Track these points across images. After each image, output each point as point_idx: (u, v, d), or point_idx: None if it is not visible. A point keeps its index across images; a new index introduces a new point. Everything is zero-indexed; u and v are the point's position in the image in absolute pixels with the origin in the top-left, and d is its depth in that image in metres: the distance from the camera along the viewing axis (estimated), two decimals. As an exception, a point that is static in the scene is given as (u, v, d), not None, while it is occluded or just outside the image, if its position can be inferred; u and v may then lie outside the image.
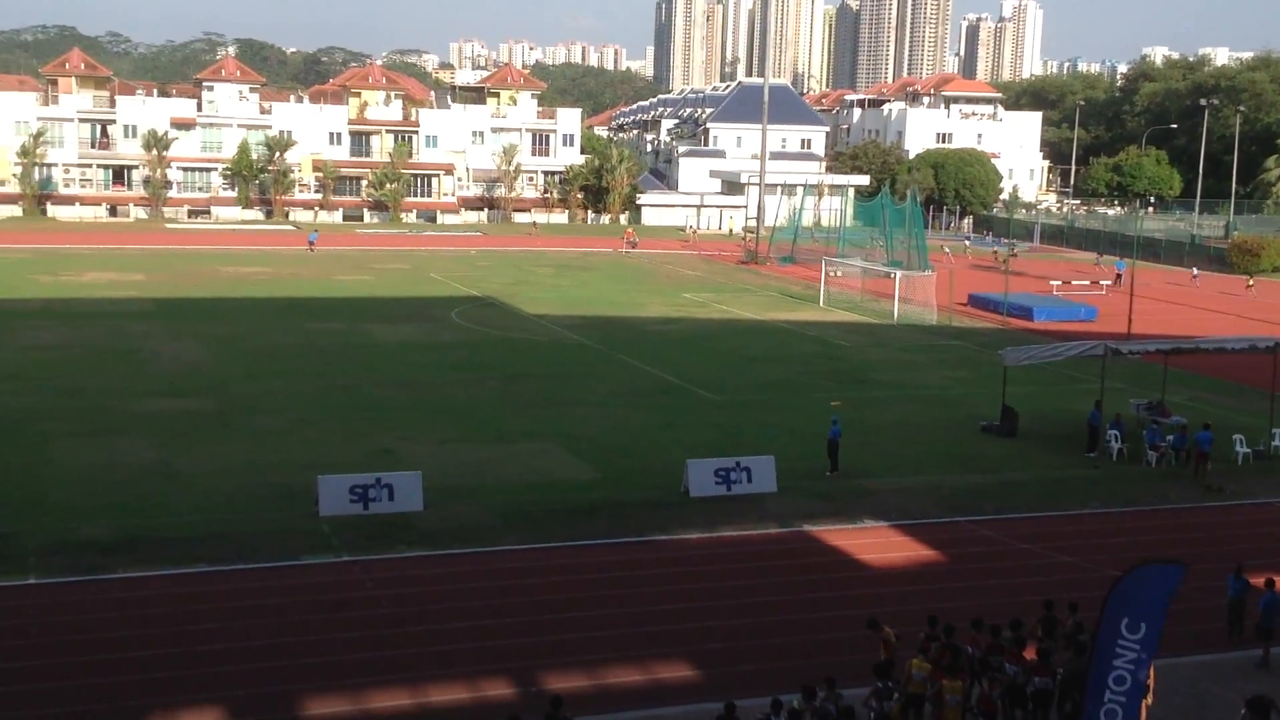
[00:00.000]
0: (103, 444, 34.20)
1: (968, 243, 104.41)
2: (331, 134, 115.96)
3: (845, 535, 28.52)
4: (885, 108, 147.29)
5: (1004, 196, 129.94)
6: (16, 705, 19.04)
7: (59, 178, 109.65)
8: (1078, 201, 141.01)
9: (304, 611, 23.18)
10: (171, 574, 24.72)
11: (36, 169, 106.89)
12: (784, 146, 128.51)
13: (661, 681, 20.75)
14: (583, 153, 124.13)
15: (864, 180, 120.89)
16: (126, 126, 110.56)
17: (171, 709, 19.10)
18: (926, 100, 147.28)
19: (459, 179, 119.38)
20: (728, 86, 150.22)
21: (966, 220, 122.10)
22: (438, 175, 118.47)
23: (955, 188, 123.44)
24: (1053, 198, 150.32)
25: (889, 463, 34.94)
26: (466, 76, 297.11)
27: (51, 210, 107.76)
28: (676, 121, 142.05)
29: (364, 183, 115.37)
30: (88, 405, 38.79)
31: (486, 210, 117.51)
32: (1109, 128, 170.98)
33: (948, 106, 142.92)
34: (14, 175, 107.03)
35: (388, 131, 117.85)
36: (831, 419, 34.32)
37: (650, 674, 21.00)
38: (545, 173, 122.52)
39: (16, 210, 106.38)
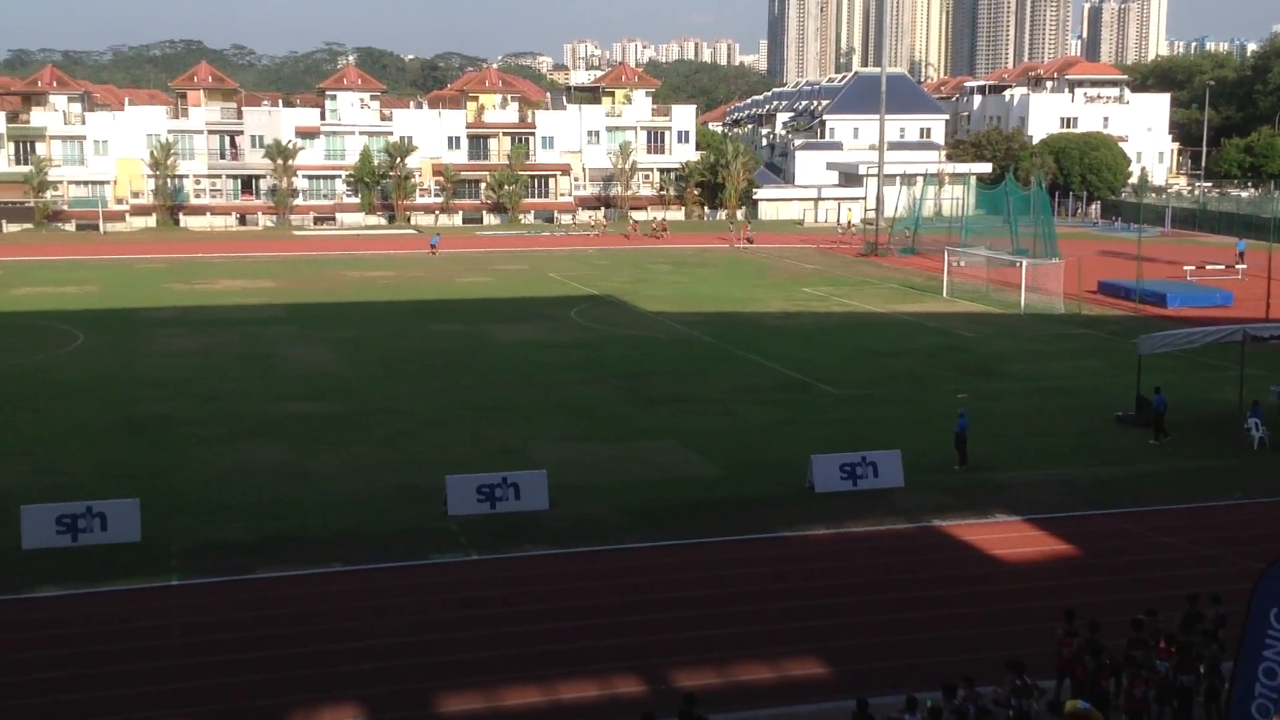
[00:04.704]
0: (239, 447, 35.09)
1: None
2: (450, 138, 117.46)
3: (976, 530, 28.01)
4: (1007, 93, 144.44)
5: (1132, 181, 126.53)
6: (160, 704, 19.59)
7: (190, 188, 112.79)
8: (1209, 184, 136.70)
9: (435, 610, 23.49)
10: (307, 574, 25.26)
11: (168, 180, 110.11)
12: (902, 136, 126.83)
13: (792, 679, 20.58)
14: (698, 149, 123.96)
15: (986, 168, 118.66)
16: (253, 137, 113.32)
17: (310, 706, 19.50)
18: (1050, 84, 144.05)
19: (575, 179, 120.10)
20: (843, 77, 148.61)
21: (1094, 206, 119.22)
22: (554, 176, 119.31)
23: (1081, 173, 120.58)
24: (1183, 181, 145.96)
25: (1019, 455, 34.24)
26: (581, 77, 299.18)
27: (184, 220, 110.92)
28: (792, 115, 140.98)
29: (483, 185, 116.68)
30: (223, 410, 39.84)
31: (603, 209, 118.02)
32: (1240, 108, 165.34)
33: (1072, 90, 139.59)
34: (148, 187, 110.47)
35: (505, 134, 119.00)
36: (958, 412, 33.77)
37: (781, 671, 20.84)
38: (661, 170, 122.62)
39: (150, 221, 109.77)
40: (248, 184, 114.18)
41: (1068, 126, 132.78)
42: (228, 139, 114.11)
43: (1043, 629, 20.30)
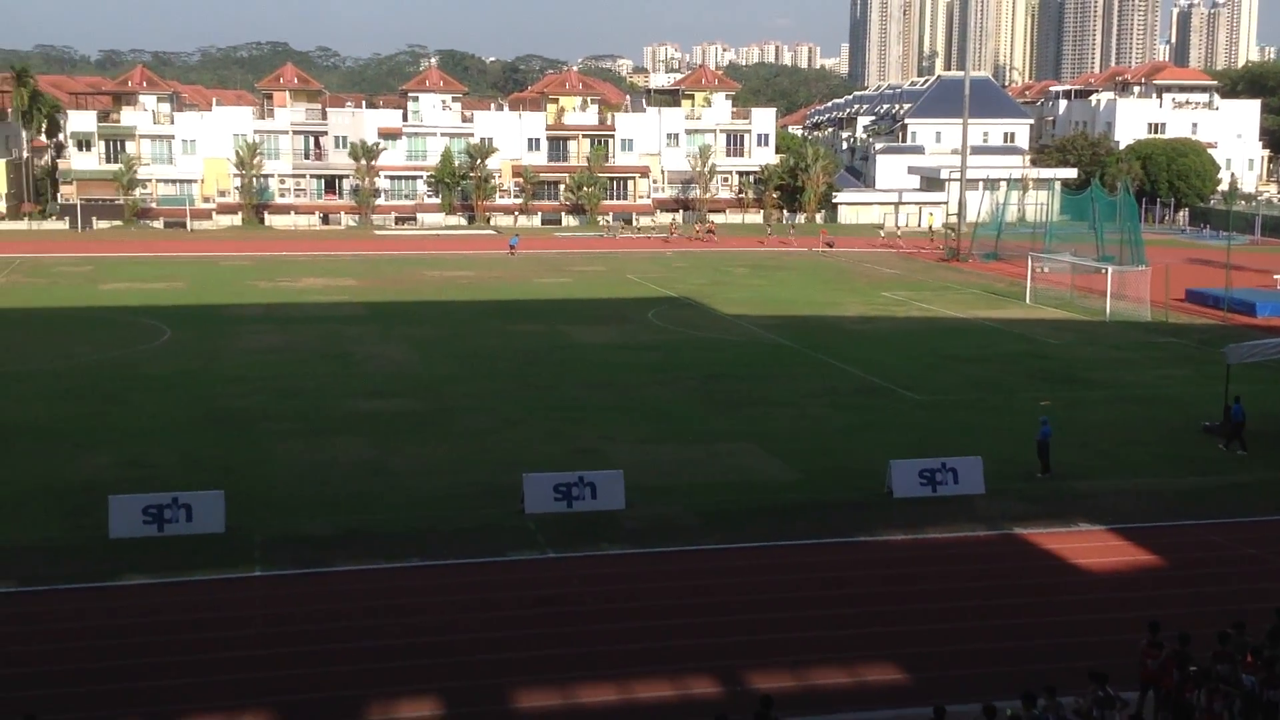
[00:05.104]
0: (320, 442, 35.55)
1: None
2: (530, 140, 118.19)
3: (1058, 539, 27.59)
4: (1093, 98, 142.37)
5: (1221, 188, 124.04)
6: (241, 693, 19.88)
7: (275, 188, 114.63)
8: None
9: (512, 606, 23.61)
10: (385, 568, 25.51)
11: (254, 179, 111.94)
12: (986, 141, 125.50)
13: (869, 684, 20.41)
14: (777, 152, 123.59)
15: (1071, 173, 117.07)
16: (337, 137, 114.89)
17: (388, 699, 19.69)
18: (1137, 90, 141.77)
19: (654, 181, 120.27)
20: (925, 81, 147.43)
21: (1181, 213, 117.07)
22: (633, 178, 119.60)
23: (1169, 179, 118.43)
24: (1273, 188, 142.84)
25: (1103, 464, 33.70)
26: (660, 80, 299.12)
27: (268, 219, 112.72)
28: (873, 118, 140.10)
29: (562, 187, 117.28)
30: (306, 405, 40.39)
31: (681, 211, 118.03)
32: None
33: (1159, 96, 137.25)
34: (234, 186, 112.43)
35: (584, 136, 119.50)
36: (1041, 419, 33.28)
37: (857, 676, 20.68)
38: (740, 173, 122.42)
39: (236, 219, 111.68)
40: (331, 184, 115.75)
41: (1155, 132, 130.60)
42: (312, 139, 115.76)
43: (1126, 640, 19.94)
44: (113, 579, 24.62)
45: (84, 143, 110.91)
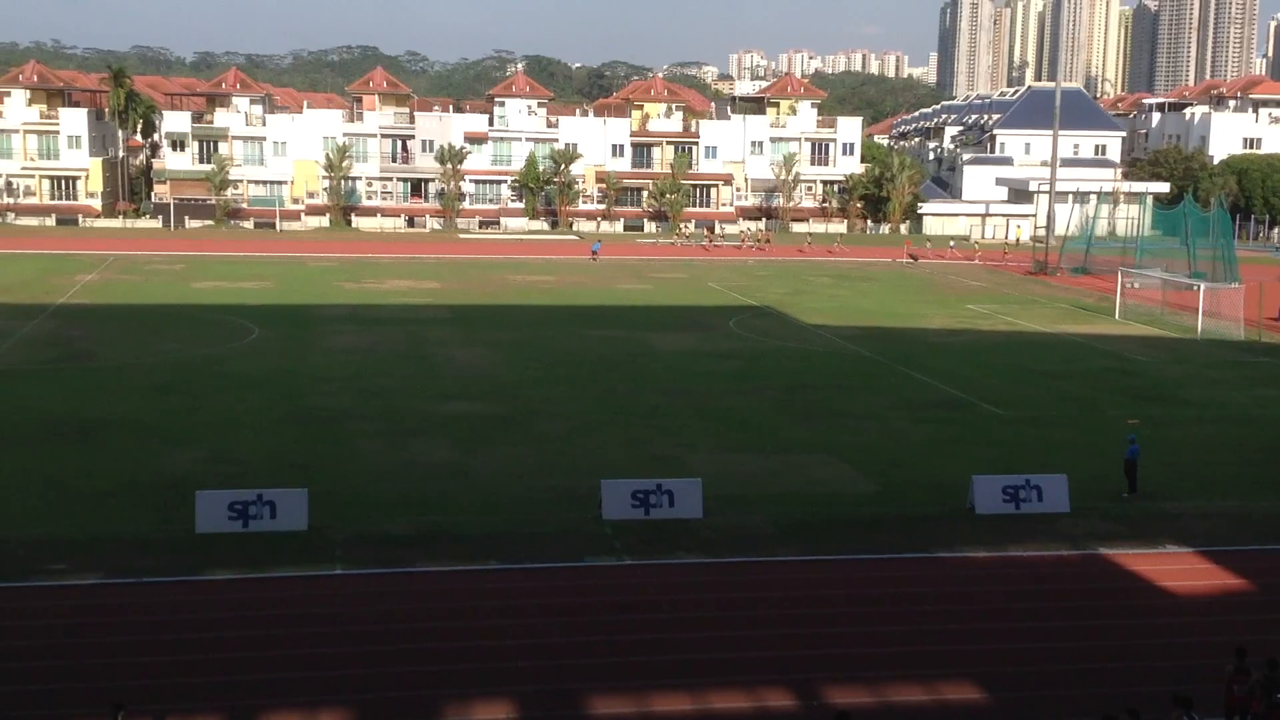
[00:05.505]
0: (402, 443, 35.91)
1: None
2: (614, 146, 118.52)
3: (1144, 560, 27.07)
4: (1187, 111, 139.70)
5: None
6: (320, 690, 20.13)
7: (362, 190, 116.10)
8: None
9: (588, 612, 23.66)
10: (464, 570, 25.70)
11: (342, 182, 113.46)
12: (1076, 153, 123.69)
13: (947, 702, 20.16)
14: (863, 161, 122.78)
15: (1163, 187, 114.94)
16: (424, 141, 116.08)
17: (464, 701, 19.81)
18: (1232, 104, 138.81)
19: (737, 189, 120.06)
20: (1015, 91, 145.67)
21: (1276, 230, 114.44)
22: (716, 185, 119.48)
23: (1264, 195, 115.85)
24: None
25: (1193, 485, 33.03)
26: (746, 87, 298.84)
27: (355, 221, 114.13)
28: (961, 129, 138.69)
29: (645, 193, 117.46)
30: (388, 406, 40.83)
31: (765, 220, 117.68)
32: None
33: (1256, 110, 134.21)
34: (323, 188, 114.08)
35: (668, 143, 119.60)
36: (1129, 438, 32.66)
37: (935, 694, 20.43)
38: (824, 182, 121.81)
39: (324, 221, 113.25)
40: (417, 187, 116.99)
41: (1251, 147, 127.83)
42: (399, 143, 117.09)
43: (1211, 665, 19.51)
44: (198, 573, 25.04)
45: (178, 143, 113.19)
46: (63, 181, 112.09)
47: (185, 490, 29.17)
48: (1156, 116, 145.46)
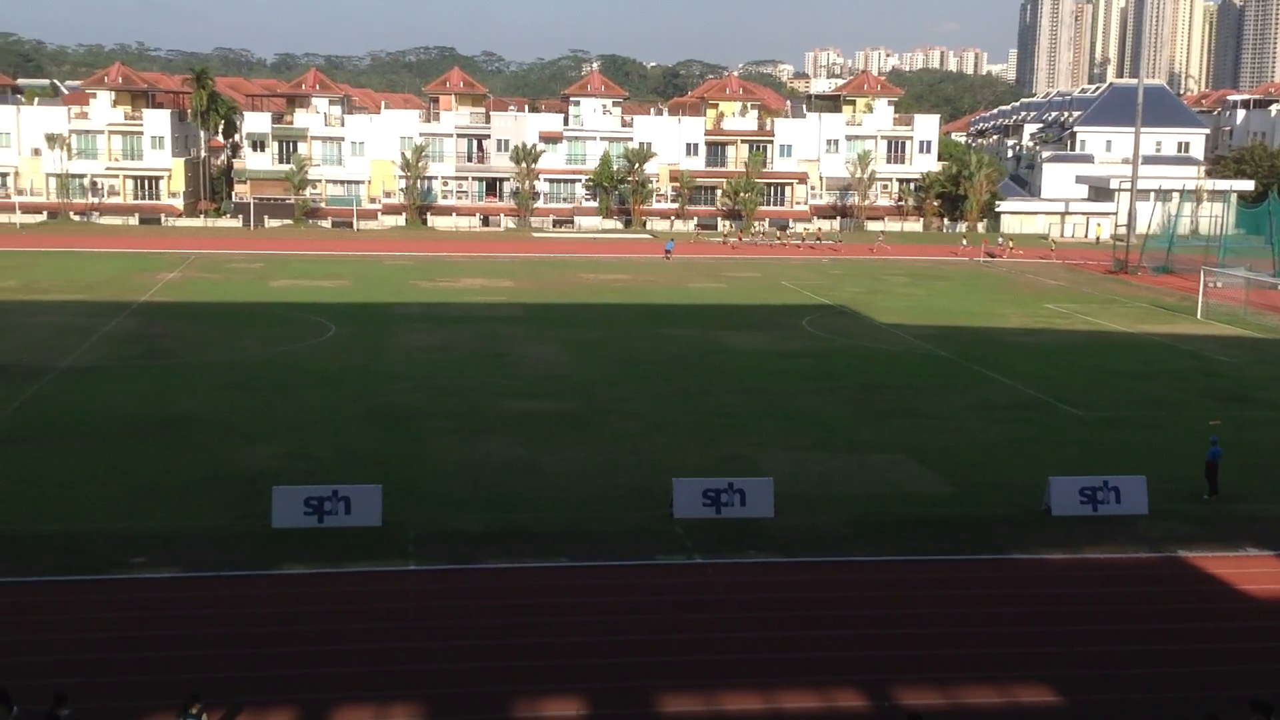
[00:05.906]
0: (475, 440, 36.14)
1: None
2: (688, 145, 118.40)
3: (1224, 563, 26.54)
4: (1272, 108, 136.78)
5: None
6: (392, 684, 20.31)
7: (438, 189, 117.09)
8: None
9: (658, 610, 23.66)
10: (535, 567, 25.81)
11: (418, 181, 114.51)
12: (1158, 150, 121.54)
13: (1022, 705, 19.90)
14: (940, 159, 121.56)
15: (1248, 185, 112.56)
16: (499, 141, 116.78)
17: (535, 697, 19.90)
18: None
19: (812, 187, 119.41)
20: (1097, 88, 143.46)
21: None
22: (791, 184, 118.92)
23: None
24: None
25: (1275, 488, 32.32)
26: (822, 85, 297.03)
27: (431, 220, 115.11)
28: (1040, 126, 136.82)
29: (719, 192, 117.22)
30: (462, 404, 41.12)
31: (839, 219, 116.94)
32: None
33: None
34: (399, 187, 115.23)
35: (743, 141, 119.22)
36: (1210, 439, 32.04)
37: (1010, 696, 20.17)
38: (900, 180, 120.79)
39: (400, 220, 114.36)
40: (492, 186, 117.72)
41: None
42: (475, 142, 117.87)
43: (1297, 673, 19.06)
44: (274, 568, 25.40)
45: (258, 143, 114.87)
46: (146, 181, 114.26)
47: (262, 486, 29.60)
48: (1241, 113, 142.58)
